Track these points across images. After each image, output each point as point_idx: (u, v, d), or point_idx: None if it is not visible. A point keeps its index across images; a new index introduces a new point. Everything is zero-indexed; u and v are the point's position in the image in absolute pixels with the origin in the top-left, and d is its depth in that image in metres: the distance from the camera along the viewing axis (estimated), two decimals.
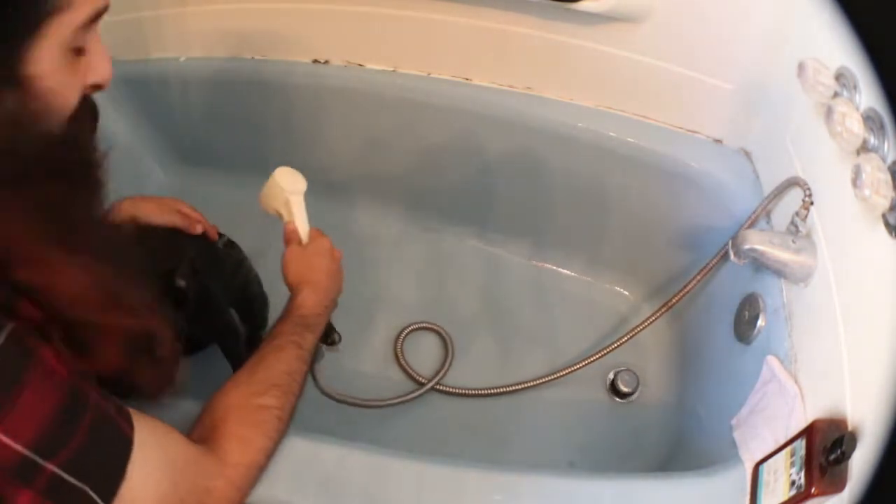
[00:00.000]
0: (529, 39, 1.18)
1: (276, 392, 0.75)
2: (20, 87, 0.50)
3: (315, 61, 1.32)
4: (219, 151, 1.50)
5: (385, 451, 0.83)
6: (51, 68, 0.51)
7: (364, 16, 1.23)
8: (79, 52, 0.54)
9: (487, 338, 1.36)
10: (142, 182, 1.47)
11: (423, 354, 1.33)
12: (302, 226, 0.93)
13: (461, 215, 1.46)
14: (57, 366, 0.52)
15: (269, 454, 0.74)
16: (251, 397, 0.73)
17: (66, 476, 0.52)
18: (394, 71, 1.30)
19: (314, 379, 1.19)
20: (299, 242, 0.93)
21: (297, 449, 0.80)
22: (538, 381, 1.25)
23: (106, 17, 0.54)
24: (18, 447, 0.49)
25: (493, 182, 1.38)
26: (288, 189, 0.92)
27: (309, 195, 0.95)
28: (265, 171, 0.97)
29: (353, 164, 1.45)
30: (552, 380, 1.24)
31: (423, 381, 1.28)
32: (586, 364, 1.21)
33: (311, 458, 0.81)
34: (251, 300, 1.12)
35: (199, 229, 0.98)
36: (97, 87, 0.59)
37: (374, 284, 1.42)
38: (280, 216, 0.94)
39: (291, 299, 0.87)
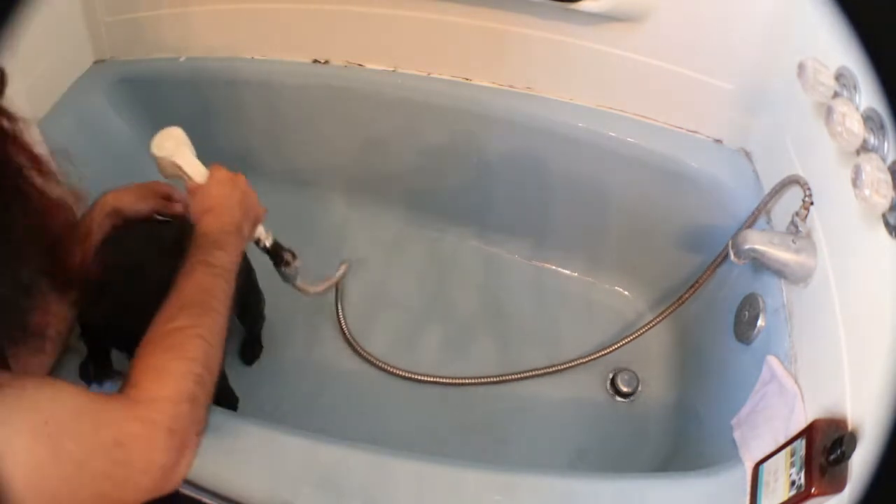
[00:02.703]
0: (529, 39, 1.18)
1: (189, 312, 0.68)
2: None
3: (315, 61, 1.32)
4: (219, 151, 1.48)
5: (384, 451, 0.83)
6: None
7: (364, 16, 1.23)
8: None
9: (487, 338, 1.36)
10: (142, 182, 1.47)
11: (427, 352, 1.33)
12: (199, 176, 0.90)
13: (461, 215, 1.46)
14: None
15: (200, 379, 0.64)
16: (161, 326, 0.67)
17: None
18: (394, 71, 1.30)
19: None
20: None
21: (297, 449, 0.80)
22: (530, 374, 1.26)
23: (106, 17, 0.54)
24: None
25: (494, 182, 1.38)
26: (169, 153, 0.90)
27: (308, 195, 0.94)
28: (265, 171, 0.97)
29: (353, 165, 1.45)
30: (544, 374, 1.24)
31: (404, 373, 1.28)
32: (584, 362, 1.21)
33: (310, 458, 0.81)
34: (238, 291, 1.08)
35: (178, 209, 0.96)
36: None
37: (374, 284, 1.42)
38: (180, 178, 0.92)
39: (194, 231, 0.82)
